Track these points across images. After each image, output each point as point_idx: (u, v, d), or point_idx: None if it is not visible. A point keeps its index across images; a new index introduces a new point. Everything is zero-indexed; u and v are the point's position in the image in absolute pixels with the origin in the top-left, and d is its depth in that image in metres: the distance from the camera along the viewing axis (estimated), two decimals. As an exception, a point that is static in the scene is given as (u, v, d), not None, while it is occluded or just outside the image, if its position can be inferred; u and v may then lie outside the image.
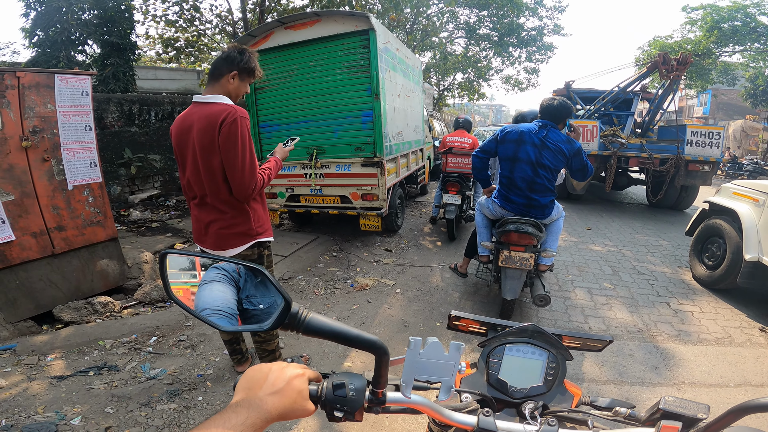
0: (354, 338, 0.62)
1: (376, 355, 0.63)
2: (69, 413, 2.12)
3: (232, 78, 1.88)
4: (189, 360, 2.63)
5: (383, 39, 4.41)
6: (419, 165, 6.78)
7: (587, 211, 7.28)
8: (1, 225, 2.80)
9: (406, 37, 15.16)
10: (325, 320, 0.63)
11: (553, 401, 0.75)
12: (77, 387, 2.34)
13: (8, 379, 2.38)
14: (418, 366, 0.66)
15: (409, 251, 4.94)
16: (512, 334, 0.81)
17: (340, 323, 0.63)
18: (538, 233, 2.77)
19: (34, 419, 2.07)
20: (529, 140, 2.78)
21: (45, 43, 8.55)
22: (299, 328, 0.61)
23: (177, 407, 2.17)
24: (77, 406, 2.17)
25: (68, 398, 2.25)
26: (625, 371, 2.58)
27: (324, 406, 0.63)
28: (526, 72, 19.86)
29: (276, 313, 0.62)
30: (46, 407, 2.16)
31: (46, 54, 8.51)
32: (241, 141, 1.82)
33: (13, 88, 2.84)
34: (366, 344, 0.62)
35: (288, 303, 0.60)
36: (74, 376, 2.44)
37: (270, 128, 5.01)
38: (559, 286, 3.92)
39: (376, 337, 0.63)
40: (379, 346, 0.62)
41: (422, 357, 0.66)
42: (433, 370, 0.66)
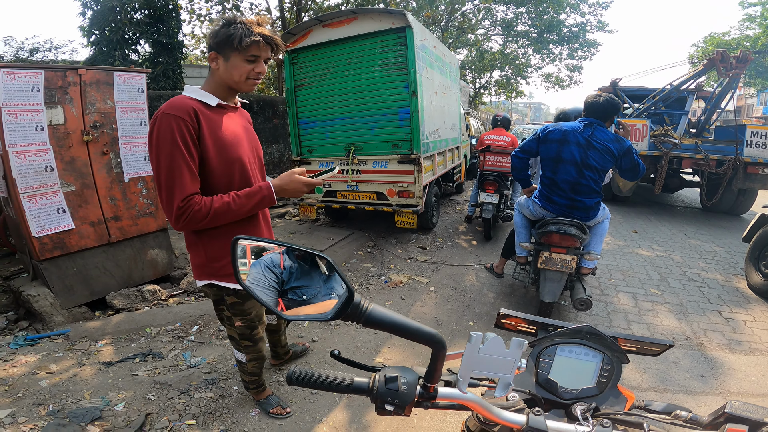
0: (414, 331, 0.63)
1: (434, 349, 0.63)
2: (114, 399, 2.22)
3: (214, 61, 1.44)
4: (227, 350, 2.72)
5: (420, 36, 4.39)
6: (456, 163, 6.70)
7: (634, 214, 6.93)
8: (62, 214, 3.02)
9: (441, 35, 14.98)
10: (386, 312, 0.63)
11: (605, 404, 0.74)
12: (123, 373, 2.46)
13: (59, 365, 2.52)
14: (477, 361, 0.65)
15: (444, 249, 4.90)
16: (565, 334, 0.79)
17: (401, 316, 0.64)
18: (581, 235, 2.66)
19: (81, 404, 2.16)
20: (573, 140, 2.67)
21: (101, 42, 9.12)
22: (360, 319, 0.62)
23: (213, 396, 2.24)
24: (122, 392, 2.28)
25: (114, 384, 2.35)
26: (668, 379, 2.46)
27: (375, 399, 0.64)
28: (568, 69, 19.15)
29: (339, 303, 0.63)
30: (92, 393, 2.27)
31: (103, 53, 9.07)
32: (155, 147, 1.36)
33: (75, 84, 3.04)
34: (426, 337, 0.62)
35: (351, 294, 0.61)
36: (121, 363, 2.56)
37: (309, 125, 5.11)
38: (600, 290, 3.76)
39: (435, 331, 0.63)
40: (438, 340, 0.62)
41: (482, 352, 0.65)
42: (492, 366, 0.65)
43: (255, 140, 1.71)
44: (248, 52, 1.39)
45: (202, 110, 1.41)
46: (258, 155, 1.71)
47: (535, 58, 19.05)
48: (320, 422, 2.09)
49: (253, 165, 1.62)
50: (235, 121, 1.57)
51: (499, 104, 38.07)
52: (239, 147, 1.53)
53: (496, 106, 35.08)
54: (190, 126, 1.36)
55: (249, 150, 1.61)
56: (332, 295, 1.00)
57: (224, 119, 1.50)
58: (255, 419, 2.10)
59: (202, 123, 1.40)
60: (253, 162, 1.64)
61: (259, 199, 1.47)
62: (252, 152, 1.64)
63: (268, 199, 1.49)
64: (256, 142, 1.72)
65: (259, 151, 1.74)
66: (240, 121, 1.62)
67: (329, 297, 0.99)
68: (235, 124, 1.56)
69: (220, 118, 1.48)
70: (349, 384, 0.66)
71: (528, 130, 11.72)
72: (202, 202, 1.38)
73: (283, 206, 6.74)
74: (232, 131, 1.52)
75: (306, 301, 0.98)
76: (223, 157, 1.47)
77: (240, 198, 1.44)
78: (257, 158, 1.70)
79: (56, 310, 3.01)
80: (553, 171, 2.76)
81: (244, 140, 1.58)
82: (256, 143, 1.72)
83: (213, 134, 1.44)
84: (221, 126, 1.47)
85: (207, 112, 1.43)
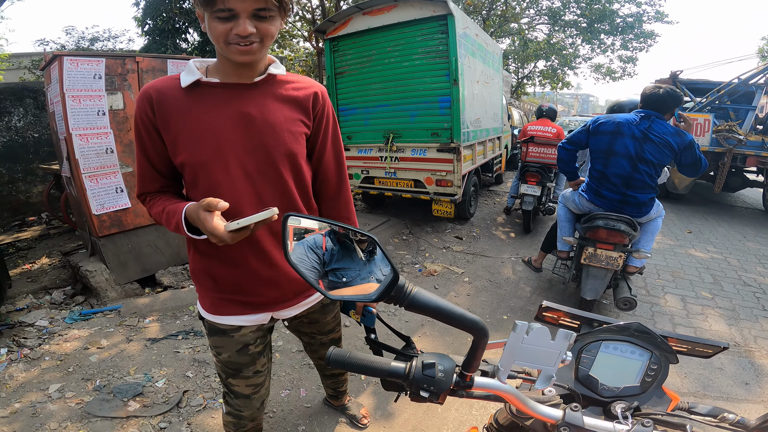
0: (458, 317, 0.62)
1: (476, 336, 0.62)
2: (156, 375, 2.31)
3: (203, 21, 0.98)
4: None
5: (462, 24, 4.28)
6: (496, 153, 6.53)
7: (689, 213, 6.49)
8: (120, 193, 3.23)
9: (483, 24, 14.47)
10: (430, 296, 0.63)
11: (648, 403, 0.72)
12: (166, 350, 2.58)
13: (109, 340, 2.68)
14: (520, 351, 0.64)
15: (481, 240, 4.82)
16: (611, 331, 0.76)
17: (445, 301, 0.63)
18: (631, 232, 2.53)
19: (125, 380, 2.25)
20: (628, 132, 2.52)
21: (154, 32, 9.55)
22: (403, 302, 0.62)
23: (247, 375, 2.34)
24: (163, 369, 2.38)
25: (157, 360, 2.46)
26: (710, 384, 2.34)
27: (410, 385, 0.64)
28: (621, 60, 17.89)
29: (383, 284, 0.62)
30: (137, 369, 2.38)
31: (156, 42, 9.50)
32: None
33: (133, 71, 3.22)
34: (469, 324, 0.62)
35: (396, 275, 0.61)
36: (165, 340, 2.69)
37: (348, 112, 5.14)
38: (647, 290, 3.57)
39: (479, 318, 0.62)
40: (480, 327, 0.61)
41: (525, 342, 0.64)
42: (536, 357, 0.64)
43: (270, 131, 1.07)
44: (214, 5, 0.90)
45: (167, 95, 1.02)
46: (268, 153, 1.08)
47: (585, 48, 17.96)
48: None
49: (240, 169, 1.06)
50: (225, 106, 1.03)
51: (543, 95, 36.56)
52: (206, 145, 1.03)
53: (540, 97, 33.75)
54: (144, 116, 1.04)
55: (239, 148, 1.05)
56: (371, 279, 1.01)
57: (199, 104, 1.02)
58: (284, 400, 2.16)
59: (157, 112, 1.02)
60: (249, 164, 1.07)
61: (174, 225, 1.02)
62: (249, 150, 1.06)
63: (180, 226, 1.00)
64: (272, 134, 1.07)
65: (273, 148, 1.08)
66: (241, 104, 1.04)
67: (368, 280, 1.00)
68: (218, 111, 1.03)
69: (191, 103, 1.02)
70: (385, 368, 0.66)
71: (574, 122, 11.20)
72: (150, 203, 1.13)
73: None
74: (203, 122, 1.02)
75: (345, 283, 0.99)
76: (188, 155, 1.04)
77: (166, 214, 1.05)
78: (265, 157, 1.08)
79: (110, 285, 3.23)
80: (604, 164, 2.63)
81: (230, 134, 1.04)
82: (273, 136, 1.07)
83: (171, 126, 1.02)
84: (188, 114, 1.02)
85: (176, 96, 1.02)
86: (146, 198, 1.15)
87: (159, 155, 1.08)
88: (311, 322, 1.40)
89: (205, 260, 1.16)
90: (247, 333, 1.21)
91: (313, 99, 1.14)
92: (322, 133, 1.19)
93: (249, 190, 1.08)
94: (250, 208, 1.06)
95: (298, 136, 1.11)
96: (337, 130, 1.25)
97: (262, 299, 1.19)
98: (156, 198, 1.12)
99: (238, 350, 1.22)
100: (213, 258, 1.15)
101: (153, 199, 1.13)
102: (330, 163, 1.25)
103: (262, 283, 1.16)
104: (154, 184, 1.13)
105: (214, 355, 1.28)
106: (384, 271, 0.76)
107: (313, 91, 1.14)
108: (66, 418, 2.02)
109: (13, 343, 2.63)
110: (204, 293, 1.21)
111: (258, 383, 1.31)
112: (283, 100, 1.09)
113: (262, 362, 1.29)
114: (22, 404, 2.12)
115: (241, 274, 1.14)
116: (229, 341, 1.21)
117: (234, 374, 1.26)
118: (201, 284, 1.20)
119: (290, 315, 1.29)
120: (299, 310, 1.29)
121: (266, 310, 1.22)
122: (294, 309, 1.27)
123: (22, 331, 2.77)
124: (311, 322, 1.40)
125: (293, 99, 1.11)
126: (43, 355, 2.52)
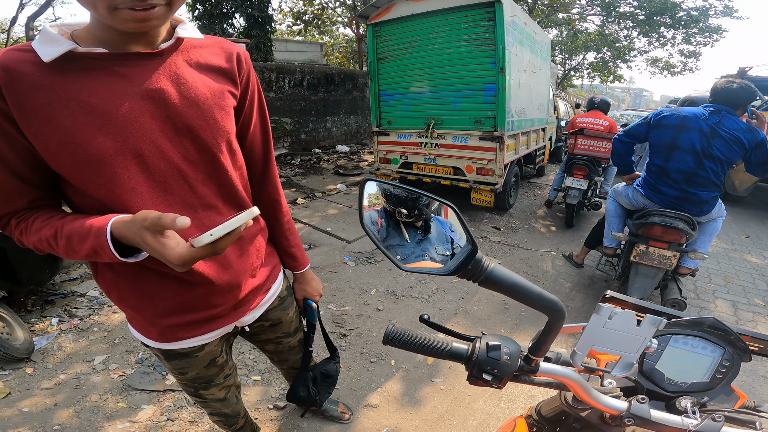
0: (535, 296, 0.59)
1: (552, 318, 0.60)
2: None
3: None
4: None
5: (510, 12, 4.14)
6: (539, 145, 6.33)
7: (747, 217, 6.07)
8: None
9: (530, 13, 13.88)
10: (508, 273, 0.61)
11: (715, 400, 0.70)
12: None
13: None
14: (600, 335, 0.62)
15: (519, 232, 4.71)
16: (683, 325, 0.73)
17: (523, 278, 0.61)
18: (689, 230, 2.40)
19: None
20: (695, 126, 2.37)
21: (204, 17, 9.87)
22: (479, 277, 0.60)
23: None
24: None
25: None
26: (753, 392, 2.24)
27: (472, 366, 0.63)
28: (682, 55, 16.72)
29: (460, 257, 0.61)
30: None
31: (206, 26, 9.84)
32: None
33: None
34: (546, 303, 0.59)
35: (475, 248, 0.59)
36: None
37: (389, 97, 5.12)
38: (696, 293, 3.40)
39: (557, 299, 0.60)
40: (558, 308, 0.59)
41: (607, 326, 0.61)
42: (616, 342, 0.62)
43: (195, 110, 0.81)
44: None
45: (21, 73, 0.68)
46: (196, 138, 0.82)
47: (641, 41, 16.89)
48: (375, 390, 2.15)
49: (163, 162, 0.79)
50: (122, 83, 0.74)
51: (591, 88, 34.90)
52: (101, 137, 0.73)
53: (588, 90, 32.21)
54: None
55: (156, 135, 0.78)
56: (425, 257, 1.00)
57: (79, 84, 0.72)
58: (282, 396, 2.14)
59: (9, 100, 0.68)
60: (173, 154, 0.80)
61: (88, 251, 0.72)
62: (169, 137, 0.79)
63: (101, 251, 0.71)
64: (198, 112, 0.81)
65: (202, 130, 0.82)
66: (146, 79, 0.76)
67: (422, 258, 0.99)
68: (113, 90, 0.74)
69: (66, 84, 0.71)
70: (446, 349, 0.65)
71: (627, 117, 10.63)
72: (22, 227, 0.78)
73: (359, 175, 6.90)
74: (92, 107, 0.72)
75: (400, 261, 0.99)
76: (68, 154, 0.72)
77: (66, 238, 0.74)
78: (193, 144, 0.82)
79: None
80: (665, 159, 2.49)
81: (138, 119, 0.76)
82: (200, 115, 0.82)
83: (37, 117, 0.70)
84: (62, 99, 0.71)
85: (36, 74, 0.69)
86: (10, 220, 0.79)
87: (21, 158, 0.73)
88: (274, 324, 1.19)
89: (137, 281, 0.86)
90: (211, 348, 1.04)
91: (237, 63, 0.89)
92: (247, 103, 0.94)
93: (179, 189, 0.82)
94: (185, 210, 0.83)
95: (228, 110, 0.87)
96: (263, 97, 1.01)
97: (221, 308, 0.96)
98: (30, 218, 0.78)
99: (206, 366, 1.06)
100: (148, 276, 0.86)
101: (25, 220, 0.79)
102: (257, 139, 1.02)
103: (219, 291, 0.92)
104: (19, 200, 0.78)
105: (177, 376, 1.08)
106: (440, 249, 0.74)
107: (235, 51, 0.90)
108: (107, 390, 2.09)
109: (64, 313, 2.73)
110: (143, 321, 0.92)
111: (230, 384, 1.22)
112: (202, 68, 0.84)
113: (229, 365, 1.18)
114: (68, 376, 2.19)
115: (190, 288, 0.89)
116: (192, 361, 1.03)
117: (206, 386, 1.14)
118: (136, 311, 0.91)
119: (254, 318, 1.08)
120: (261, 311, 1.10)
121: (227, 321, 0.99)
122: (257, 310, 1.08)
123: (74, 300, 2.89)
124: (274, 325, 1.19)
125: (214, 66, 0.86)
126: (92, 326, 2.61)
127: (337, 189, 6.14)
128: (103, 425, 1.89)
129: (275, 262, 1.14)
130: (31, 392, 2.08)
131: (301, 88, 8.12)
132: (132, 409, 1.98)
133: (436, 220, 0.76)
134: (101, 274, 0.89)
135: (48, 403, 2.01)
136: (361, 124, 10.21)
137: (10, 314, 2.40)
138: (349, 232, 4.33)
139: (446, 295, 3.16)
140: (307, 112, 8.42)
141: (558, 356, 0.72)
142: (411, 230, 1.15)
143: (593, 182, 4.70)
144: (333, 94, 9.03)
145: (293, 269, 1.24)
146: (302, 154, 8.07)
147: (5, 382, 2.14)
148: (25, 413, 1.94)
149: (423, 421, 1.98)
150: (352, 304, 2.97)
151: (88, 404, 2.00)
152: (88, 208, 0.79)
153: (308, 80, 8.27)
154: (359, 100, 9.91)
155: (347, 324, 2.72)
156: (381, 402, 2.08)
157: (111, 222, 0.70)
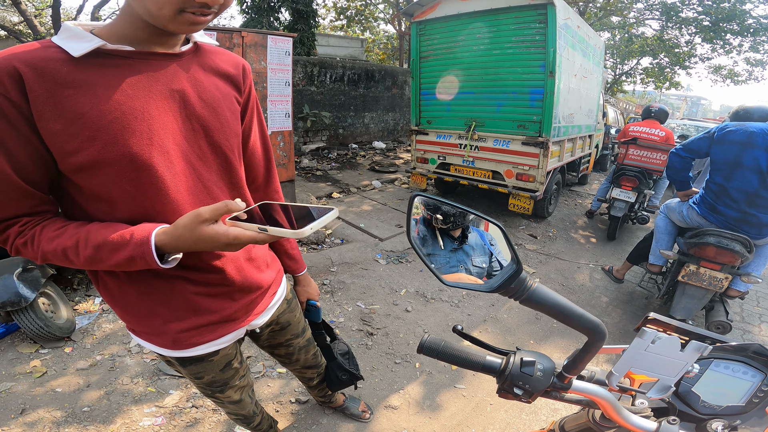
0: (577, 317, 0.60)
1: (592, 339, 0.60)
2: None
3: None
4: (326, 305, 2.86)
5: (563, 15, 3.98)
6: (585, 152, 6.08)
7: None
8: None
9: (582, 16, 13.33)
10: (550, 293, 0.61)
11: (746, 424, 0.69)
12: None
13: None
14: (641, 358, 0.61)
15: (557, 242, 4.56)
16: (727, 350, 0.71)
17: (566, 299, 0.61)
18: (745, 253, 2.25)
19: None
20: (762, 144, 2.21)
21: (252, 9, 10.16)
22: (521, 296, 0.60)
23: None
24: None
25: None
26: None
27: (504, 380, 0.64)
28: (748, 63, 15.61)
29: (504, 275, 0.62)
30: None
31: (253, 19, 10.12)
32: None
33: (239, 45, 3.43)
34: (588, 325, 0.60)
35: (519, 268, 0.60)
36: None
37: (431, 96, 5.07)
38: (741, 316, 3.21)
39: (599, 320, 0.60)
40: (600, 331, 0.60)
41: (649, 350, 0.61)
42: (656, 365, 0.62)
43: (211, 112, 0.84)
44: None
45: (48, 69, 0.67)
46: (211, 138, 0.85)
47: (704, 47, 15.90)
48: (397, 392, 2.15)
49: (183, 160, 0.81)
50: (149, 82, 0.76)
51: (643, 94, 33.11)
52: (130, 133, 0.72)
53: (640, 96, 30.58)
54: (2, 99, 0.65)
55: (177, 134, 0.79)
56: (460, 269, 0.99)
57: (108, 80, 0.71)
58: (303, 391, 2.15)
59: (32, 95, 0.66)
60: (190, 153, 0.82)
61: (123, 260, 0.71)
62: (187, 137, 0.81)
63: (140, 260, 0.71)
64: (213, 114, 0.84)
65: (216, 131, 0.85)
66: (169, 79, 0.78)
67: (456, 269, 0.98)
68: (141, 88, 0.74)
69: (95, 79, 0.70)
70: (480, 362, 0.65)
71: (682, 127, 10.00)
72: (29, 236, 0.73)
73: (394, 172, 6.90)
74: (121, 104, 0.72)
75: (438, 271, 0.98)
76: (95, 150, 0.70)
77: (94, 248, 0.71)
78: (208, 144, 0.85)
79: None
80: (726, 177, 2.33)
81: (163, 117, 0.77)
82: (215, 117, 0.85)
83: (61, 113, 0.68)
84: (91, 94, 0.70)
85: (63, 70, 0.68)
86: (9, 228, 0.74)
87: (31, 158, 0.70)
88: (283, 327, 1.23)
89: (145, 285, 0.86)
90: (226, 351, 1.06)
91: (243, 74, 0.95)
92: (248, 113, 0.99)
93: (196, 189, 0.83)
94: (198, 206, 0.82)
95: (237, 114, 0.92)
96: (260, 107, 1.07)
97: (232, 311, 0.96)
98: (35, 227, 0.74)
99: (222, 369, 1.08)
100: (155, 280, 0.86)
101: (31, 228, 0.74)
102: (257, 146, 1.06)
103: (230, 293, 0.94)
104: (20, 204, 0.73)
105: (193, 381, 1.10)
106: (477, 261, 0.74)
107: (242, 63, 0.96)
108: (139, 373, 2.13)
109: (107, 293, 2.92)
110: (153, 330, 0.91)
111: (245, 384, 1.24)
112: (214, 73, 0.88)
113: (243, 366, 1.21)
114: (103, 357, 2.24)
115: (201, 288, 0.90)
116: (209, 365, 1.04)
117: (222, 389, 1.15)
118: (145, 317, 0.89)
119: (264, 321, 1.10)
120: (271, 313, 1.12)
121: (240, 324, 1.00)
122: (267, 312, 1.09)
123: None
124: (283, 328, 1.23)
125: (224, 72, 0.90)
126: (133, 307, 2.78)
127: (372, 185, 6.17)
128: (131, 408, 1.94)
129: (279, 266, 1.17)
130: (67, 371, 2.15)
131: (341, 83, 8.21)
132: (160, 394, 2.03)
133: (474, 231, 0.77)
134: (103, 283, 0.88)
135: (81, 383, 2.07)
136: (398, 122, 10.19)
137: (57, 292, 2.48)
138: (382, 230, 4.34)
139: (476, 301, 3.11)
140: (346, 107, 8.50)
141: (593, 375, 0.72)
142: (447, 238, 1.14)
143: (642, 195, 4.47)
144: (372, 90, 9.06)
145: (294, 272, 1.29)
146: (339, 149, 8.16)
147: (43, 361, 2.21)
148: (57, 393, 2.00)
149: (442, 426, 1.97)
150: (381, 303, 2.98)
151: (119, 387, 2.06)
152: (99, 214, 0.77)
153: (349, 75, 8.34)
154: (398, 97, 9.89)
155: (374, 323, 2.73)
156: (402, 404, 2.09)
157: (155, 231, 0.71)
